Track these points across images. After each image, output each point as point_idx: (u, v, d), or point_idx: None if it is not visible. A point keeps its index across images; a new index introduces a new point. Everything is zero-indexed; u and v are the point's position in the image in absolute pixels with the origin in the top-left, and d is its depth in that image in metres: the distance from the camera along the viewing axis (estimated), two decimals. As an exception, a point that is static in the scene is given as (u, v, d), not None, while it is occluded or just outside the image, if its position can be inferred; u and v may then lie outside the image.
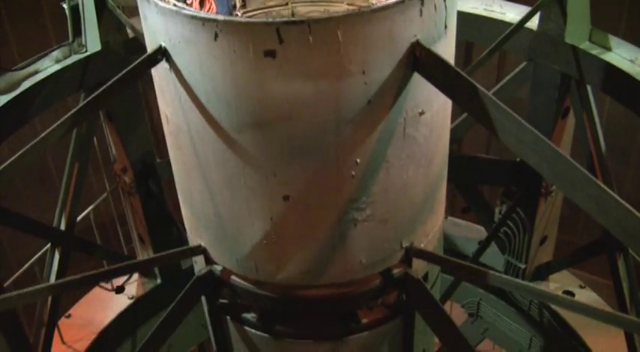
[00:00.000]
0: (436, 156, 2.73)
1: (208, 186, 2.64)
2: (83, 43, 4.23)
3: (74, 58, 4.17)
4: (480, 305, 5.37)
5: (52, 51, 4.19)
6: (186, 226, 3.04)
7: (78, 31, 4.21)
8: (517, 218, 4.67)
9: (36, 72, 4.12)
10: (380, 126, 2.41)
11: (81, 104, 2.58)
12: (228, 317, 3.14)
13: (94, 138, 4.63)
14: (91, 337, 4.81)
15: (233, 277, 2.90)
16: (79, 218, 4.57)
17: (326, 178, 2.45)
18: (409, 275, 2.88)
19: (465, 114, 4.23)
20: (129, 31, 4.20)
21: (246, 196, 2.55)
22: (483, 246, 4.77)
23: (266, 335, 3.02)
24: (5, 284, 4.08)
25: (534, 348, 5.13)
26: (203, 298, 3.24)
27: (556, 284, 5.01)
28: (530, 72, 4.30)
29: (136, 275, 5.31)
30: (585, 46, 3.99)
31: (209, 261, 2.96)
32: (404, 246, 2.79)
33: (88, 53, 4.17)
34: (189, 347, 5.85)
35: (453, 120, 4.54)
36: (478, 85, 2.22)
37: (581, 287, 5.02)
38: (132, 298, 5.13)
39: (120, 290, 5.21)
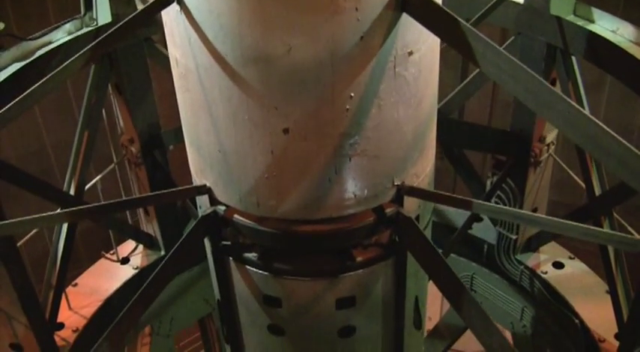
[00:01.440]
0: (425, 98, 2.94)
1: (214, 123, 2.84)
2: (94, 16, 4.47)
3: (85, 30, 4.42)
4: (474, 279, 5.54)
5: (65, 24, 4.43)
6: (192, 169, 3.24)
7: (89, 5, 4.46)
8: (507, 188, 4.87)
9: (49, 42, 4.37)
10: (372, 62, 2.63)
11: (100, 38, 2.78)
12: (230, 259, 3.32)
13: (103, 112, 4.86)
14: (96, 304, 4.98)
15: (236, 216, 3.09)
16: (87, 186, 4.77)
17: (322, 111, 2.66)
18: (401, 214, 3.08)
19: (465, 82, 4.45)
20: (137, 3, 4.45)
21: (249, 130, 2.75)
22: (473, 214, 4.95)
23: (266, 273, 3.20)
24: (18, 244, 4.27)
25: (526, 319, 5.29)
26: (207, 244, 3.44)
27: (546, 255, 5.20)
28: (519, 46, 4.53)
29: (140, 247, 5.49)
30: (570, 18, 4.24)
31: (213, 202, 3.15)
32: (395, 183, 2.99)
33: (98, 25, 4.41)
34: (190, 322, 6.02)
35: (453, 88, 4.79)
36: (459, 19, 2.44)
37: (570, 258, 5.20)
38: (136, 268, 5.32)
39: (125, 261, 5.40)
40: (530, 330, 5.31)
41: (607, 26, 4.10)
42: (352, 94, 2.67)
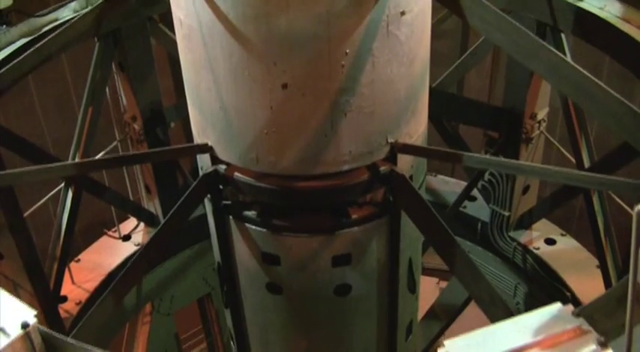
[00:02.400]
0: (417, 58, 3.08)
1: (216, 80, 2.98)
2: (99, -5, 4.63)
3: (90, 8, 4.56)
4: (468, 257, 5.66)
5: (71, 1, 4.58)
6: (194, 131, 3.37)
7: (94, -16, 4.61)
8: (500, 165, 5.00)
9: (56, 19, 4.52)
10: (365, 21, 2.78)
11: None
12: (231, 218, 3.44)
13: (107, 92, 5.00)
14: (99, 279, 5.10)
15: (236, 173, 3.22)
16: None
17: (319, 66, 2.80)
18: (394, 172, 3.21)
19: (465, 55, 4.59)
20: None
21: (249, 86, 2.89)
22: (466, 190, 5.08)
23: (265, 230, 3.33)
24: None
25: (519, 296, 5.41)
26: (208, 206, 3.56)
27: (538, 232, 5.32)
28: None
29: (142, 225, 5.61)
30: (558, -4, 4.40)
31: (214, 160, 3.28)
32: (389, 141, 3.13)
33: (102, 2, 4.56)
34: (190, 300, 6.13)
35: (453, 62, 4.93)
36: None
37: (562, 234, 5.32)
38: (138, 245, 5.44)
39: (127, 238, 5.53)
40: (524, 307, 5.43)
41: (595, 3, 4.25)
42: (347, 51, 2.81)
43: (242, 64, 2.85)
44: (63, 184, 4.71)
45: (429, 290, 7.74)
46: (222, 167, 3.28)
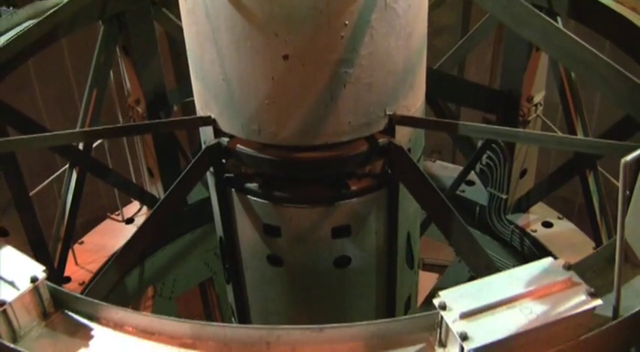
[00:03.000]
0: (414, 32, 3.16)
1: (219, 52, 3.06)
2: (104, -21, 4.71)
3: (96, -8, 4.65)
4: (466, 241, 5.73)
5: (77, -15, 4.66)
6: (197, 104, 3.45)
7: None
8: (497, 148, 5.08)
9: (61, 2, 4.60)
10: (365, -8, 2.87)
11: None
12: (233, 191, 3.52)
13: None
14: (102, 260, 5.18)
15: (238, 145, 3.29)
16: (95, 144, 4.98)
17: (319, 37, 2.88)
18: (393, 144, 3.29)
19: (467, 35, 4.67)
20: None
21: (251, 57, 2.97)
22: (464, 172, 5.16)
23: (266, 201, 3.41)
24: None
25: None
26: (210, 180, 3.64)
27: (535, 215, 5.39)
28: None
29: (145, 209, 5.69)
30: (553, -20, 4.48)
31: (217, 133, 3.36)
32: (387, 113, 3.21)
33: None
34: (192, 284, 6.21)
35: (454, 42, 4.99)
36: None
37: (559, 218, 5.40)
38: (141, 228, 5.51)
39: (130, 221, 5.61)
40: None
41: (589, -14, 4.34)
42: (346, 22, 2.89)
43: (244, 36, 2.93)
44: (67, 165, 4.80)
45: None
46: (224, 140, 3.35)
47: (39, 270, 2.38)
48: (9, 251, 2.47)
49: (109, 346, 2.33)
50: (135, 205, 5.77)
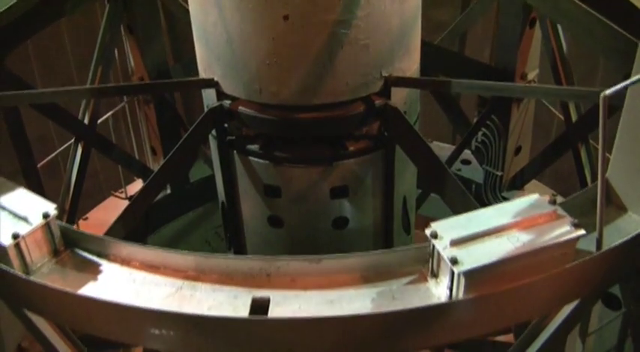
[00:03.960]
0: (409, -4, 3.31)
1: (221, 15, 3.19)
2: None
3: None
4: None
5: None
6: (200, 68, 3.57)
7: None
8: (492, 125, 5.20)
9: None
10: (361, -46, 3.00)
11: None
12: (235, 153, 3.64)
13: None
14: (103, 235, 5.28)
15: (240, 107, 3.42)
16: (99, 121, 5.11)
17: (318, -2, 3.03)
18: (389, 106, 3.42)
19: (468, 9, 4.80)
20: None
21: (252, 18, 3.10)
22: (459, 148, 5.28)
23: (267, 162, 3.53)
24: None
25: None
26: (213, 143, 3.76)
27: (530, 192, 5.49)
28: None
29: (147, 186, 5.82)
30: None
31: (220, 96, 3.49)
32: (383, 74, 3.34)
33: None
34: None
35: (455, 16, 5.11)
36: None
37: (553, 195, 5.48)
38: (144, 205, 5.63)
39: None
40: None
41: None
42: (344, -16, 3.03)
43: (246, -5, 3.07)
44: (73, 140, 4.92)
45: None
46: (226, 102, 3.49)
47: (51, 207, 2.50)
48: (22, 191, 2.59)
49: (116, 280, 2.45)
50: (138, 183, 5.88)
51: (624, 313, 2.75)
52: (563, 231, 2.29)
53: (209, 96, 3.58)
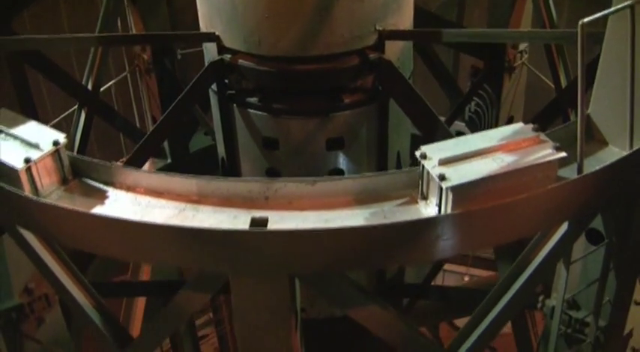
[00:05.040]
0: (402, -48, 3.44)
1: (222, -31, 3.34)
2: None
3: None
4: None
5: None
6: (202, 24, 3.71)
7: None
8: (485, 95, 5.34)
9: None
10: None
11: None
12: (234, 107, 3.77)
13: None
14: (107, 201, 5.40)
15: (240, 60, 3.55)
16: (102, 88, 5.24)
17: (315, -50, 3.16)
18: (382, 59, 3.55)
19: None
20: None
21: (253, -30, 3.25)
22: (452, 115, 5.41)
23: (265, 114, 3.66)
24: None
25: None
26: (213, 98, 3.89)
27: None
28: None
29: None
30: None
31: (221, 50, 3.62)
32: (377, 28, 3.47)
33: None
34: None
35: None
36: None
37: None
38: (145, 174, 5.74)
39: (134, 168, 5.84)
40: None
41: None
42: (338, -63, 3.17)
43: (246, -50, 3.21)
44: (77, 106, 5.05)
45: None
46: (227, 56, 3.62)
47: (61, 136, 2.63)
48: (34, 123, 2.72)
49: (122, 204, 2.58)
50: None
51: (607, 244, 2.88)
52: (546, 153, 2.43)
53: (210, 52, 3.71)
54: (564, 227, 2.82)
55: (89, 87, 4.98)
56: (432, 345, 3.01)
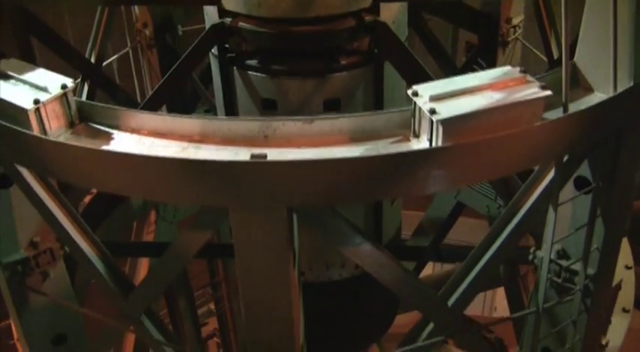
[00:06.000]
0: None
1: None
2: None
3: None
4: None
5: None
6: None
7: None
8: (479, 69, 5.44)
9: None
10: None
11: None
12: (235, 69, 3.89)
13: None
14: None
15: (240, 23, 3.67)
16: (104, 63, 5.36)
17: None
18: (378, 21, 3.68)
19: None
20: None
21: None
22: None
23: (265, 75, 3.78)
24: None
25: (500, 199, 5.83)
26: (214, 62, 4.01)
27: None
28: None
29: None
30: None
31: (221, 14, 3.74)
32: (373, -8, 3.60)
33: None
34: (192, 211, 6.54)
35: None
36: None
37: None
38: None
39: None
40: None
41: None
42: None
43: None
44: (80, 78, 5.16)
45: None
46: (227, 19, 3.74)
47: (69, 81, 2.75)
48: (42, 69, 2.84)
49: (127, 144, 2.69)
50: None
51: (593, 189, 2.99)
52: (532, 91, 2.54)
53: (211, 16, 3.83)
54: (552, 173, 2.94)
55: (92, 59, 5.11)
56: (425, 288, 3.11)
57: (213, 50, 3.95)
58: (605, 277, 3.36)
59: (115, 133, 2.75)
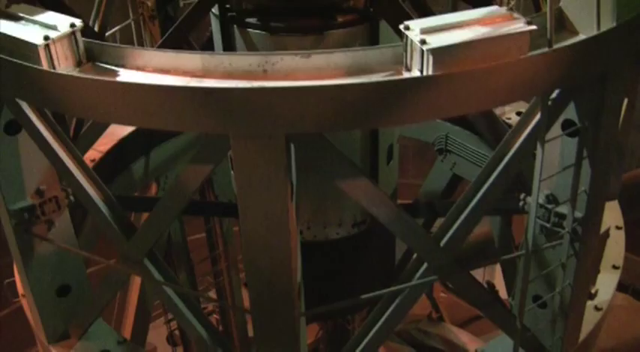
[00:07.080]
0: None
1: None
2: None
3: None
4: (448, 138, 6.20)
5: None
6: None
7: None
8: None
9: None
10: None
11: None
12: (235, 28, 4.02)
13: None
14: (111, 143, 5.65)
15: (240, -19, 3.82)
16: (107, 33, 5.48)
17: None
18: (373, -21, 3.82)
19: None
20: None
21: None
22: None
23: (264, 32, 3.91)
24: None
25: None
26: (214, 22, 4.14)
27: (509, 106, 5.88)
28: None
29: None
30: None
31: (221, -29, 3.89)
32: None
33: None
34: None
35: None
36: None
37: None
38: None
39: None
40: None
41: None
42: None
43: None
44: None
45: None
46: (227, -24, 3.89)
47: (77, 21, 2.87)
48: (52, 12, 2.96)
49: (132, 80, 2.81)
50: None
51: (580, 129, 3.12)
52: (519, 26, 2.67)
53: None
54: (539, 116, 3.07)
55: (96, 28, 5.23)
56: (417, 226, 3.24)
57: (214, 10, 4.09)
58: (593, 220, 3.48)
59: (121, 71, 2.87)
